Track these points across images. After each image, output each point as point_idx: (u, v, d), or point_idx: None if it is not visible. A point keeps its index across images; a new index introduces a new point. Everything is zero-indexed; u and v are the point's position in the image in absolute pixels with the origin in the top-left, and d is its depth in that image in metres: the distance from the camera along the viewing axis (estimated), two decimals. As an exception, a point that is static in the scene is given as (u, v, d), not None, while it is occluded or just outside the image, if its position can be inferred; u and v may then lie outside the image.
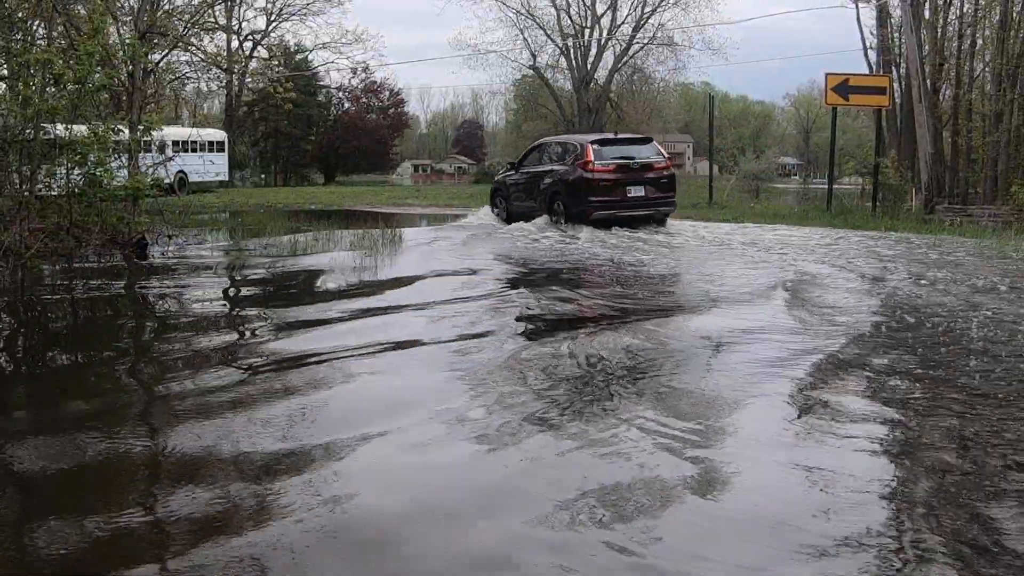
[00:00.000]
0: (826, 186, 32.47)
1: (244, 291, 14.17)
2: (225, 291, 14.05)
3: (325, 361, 8.32)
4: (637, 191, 21.39)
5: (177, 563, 4.34)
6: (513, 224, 22.50)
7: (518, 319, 10.37)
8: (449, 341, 9.18)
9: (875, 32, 35.43)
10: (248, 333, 10.00)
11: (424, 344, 9.13)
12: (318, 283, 14.16)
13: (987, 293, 11.97)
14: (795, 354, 8.32)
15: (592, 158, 21.17)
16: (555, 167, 22.43)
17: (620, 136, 24.34)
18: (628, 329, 9.66)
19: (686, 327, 10.11)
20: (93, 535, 4.69)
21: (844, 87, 28.32)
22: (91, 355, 9.42)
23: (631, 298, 12.09)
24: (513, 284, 13.59)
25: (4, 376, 8.58)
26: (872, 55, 36.67)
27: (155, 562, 4.40)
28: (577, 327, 9.98)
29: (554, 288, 12.86)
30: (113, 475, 5.65)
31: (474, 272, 14.97)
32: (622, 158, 21.66)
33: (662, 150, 23.04)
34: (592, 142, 22.07)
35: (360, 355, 8.56)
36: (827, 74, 28.76)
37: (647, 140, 23.65)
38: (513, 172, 24.74)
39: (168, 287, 14.14)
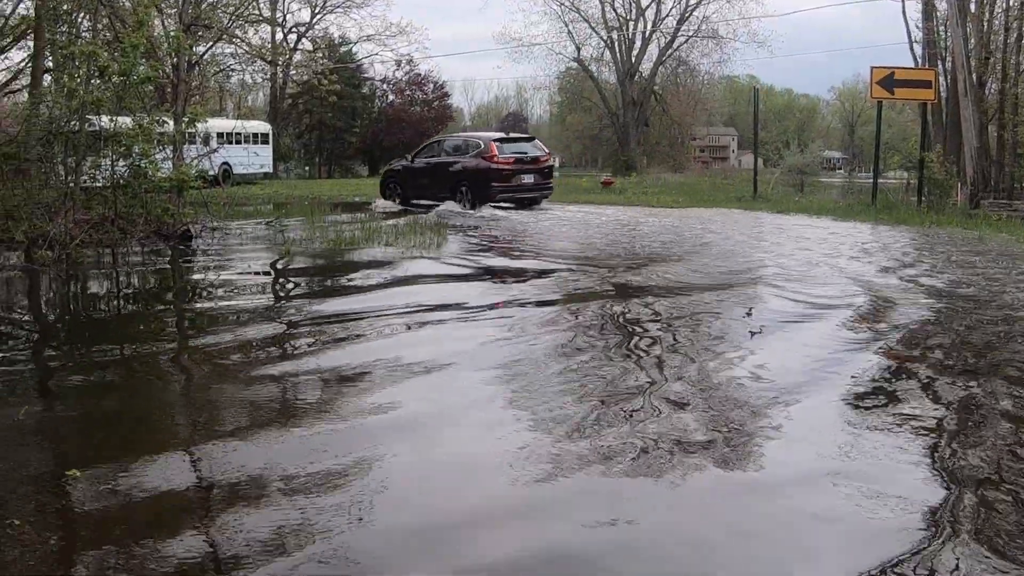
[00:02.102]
0: (871, 180, 32.23)
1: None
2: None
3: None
4: (528, 179, 26.31)
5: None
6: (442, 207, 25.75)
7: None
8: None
9: (920, 26, 35.06)
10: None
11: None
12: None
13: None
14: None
15: (497, 152, 25.58)
16: (459, 159, 26.60)
17: (512, 135, 29.58)
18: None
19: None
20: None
21: (889, 81, 28.10)
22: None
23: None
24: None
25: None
26: (917, 49, 36.33)
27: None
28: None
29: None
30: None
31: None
32: (517, 152, 26.37)
33: (544, 147, 28.53)
34: (494, 140, 26.65)
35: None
36: (872, 68, 28.57)
37: (532, 139, 29.71)
38: (408, 163, 28.78)
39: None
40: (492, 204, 25.30)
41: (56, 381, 8.05)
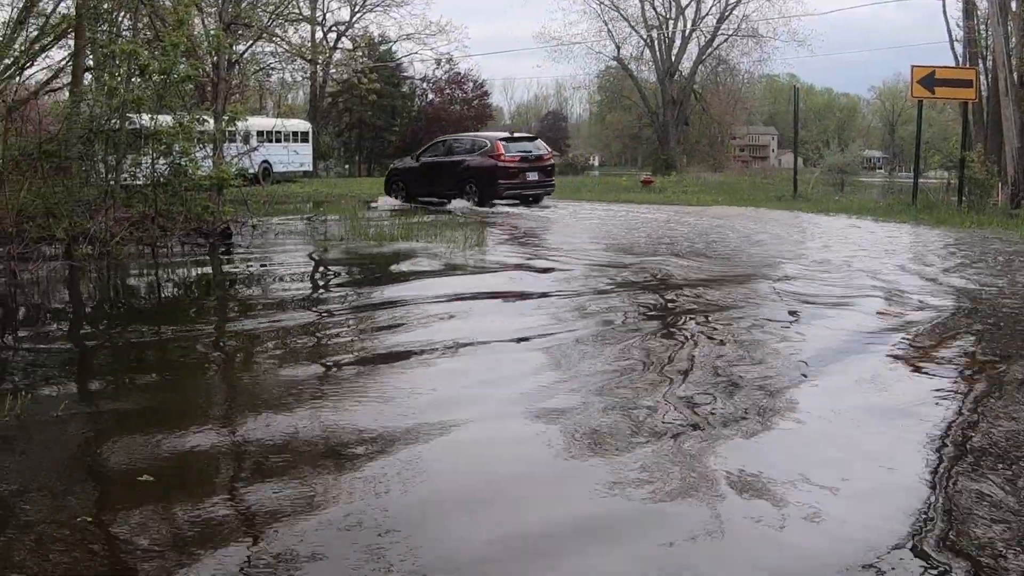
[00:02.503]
0: (912, 180, 32.03)
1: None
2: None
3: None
4: (533, 176, 27.72)
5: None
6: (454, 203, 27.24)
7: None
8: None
9: (961, 24, 34.81)
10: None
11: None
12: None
13: None
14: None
15: (503, 151, 26.94)
16: (466, 157, 27.99)
17: (516, 135, 30.60)
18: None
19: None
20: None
21: (930, 80, 27.86)
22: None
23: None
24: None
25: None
26: (958, 47, 36.08)
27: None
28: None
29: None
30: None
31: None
32: (523, 151, 27.75)
33: (546, 146, 30.17)
34: (500, 139, 28.08)
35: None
36: (913, 67, 28.31)
37: (535, 138, 31.30)
38: (413, 162, 30.16)
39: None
40: (498, 201, 26.82)
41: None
